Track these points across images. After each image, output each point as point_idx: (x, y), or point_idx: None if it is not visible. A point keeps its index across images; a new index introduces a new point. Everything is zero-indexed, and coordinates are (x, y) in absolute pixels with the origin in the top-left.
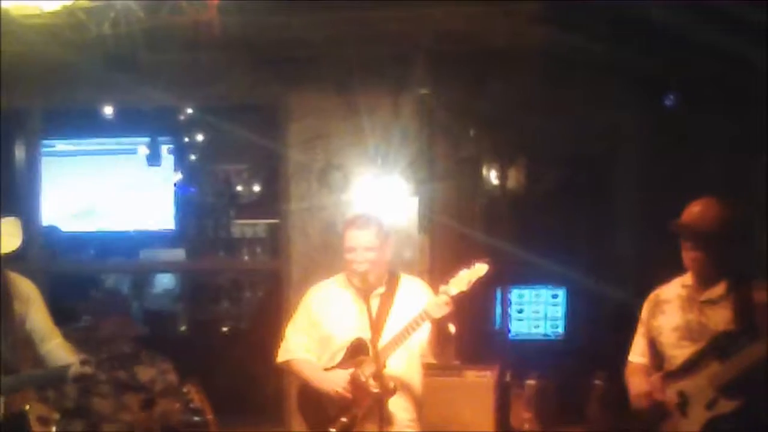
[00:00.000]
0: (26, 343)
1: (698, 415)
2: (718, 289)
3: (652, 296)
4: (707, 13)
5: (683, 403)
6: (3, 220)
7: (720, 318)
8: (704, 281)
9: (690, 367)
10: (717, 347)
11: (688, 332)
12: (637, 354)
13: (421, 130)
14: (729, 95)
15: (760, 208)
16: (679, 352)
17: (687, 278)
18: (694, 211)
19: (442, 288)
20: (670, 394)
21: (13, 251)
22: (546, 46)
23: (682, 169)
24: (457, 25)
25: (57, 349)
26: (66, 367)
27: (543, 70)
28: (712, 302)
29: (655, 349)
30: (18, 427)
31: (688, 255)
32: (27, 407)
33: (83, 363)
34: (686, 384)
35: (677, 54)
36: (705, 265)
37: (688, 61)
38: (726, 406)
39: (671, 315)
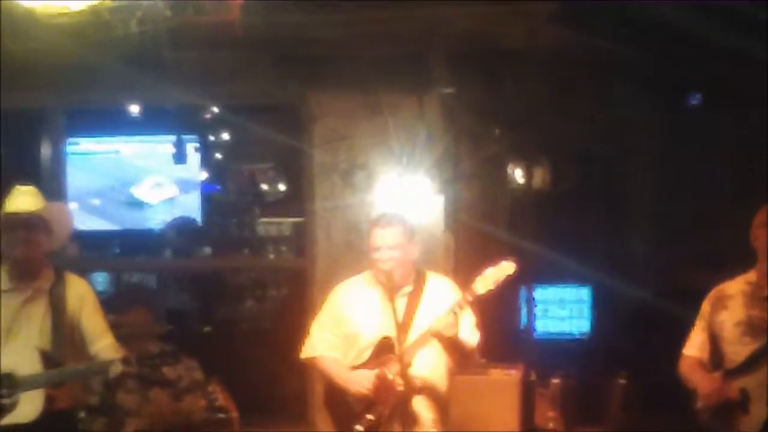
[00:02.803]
0: (75, 341)
1: (760, 411)
2: None
3: (714, 291)
4: (719, 14)
5: (744, 400)
6: (18, 187)
7: None
8: None
9: (752, 363)
10: None
11: (750, 328)
12: (695, 348)
13: (445, 130)
14: (740, 97)
15: None
16: (740, 348)
17: (751, 275)
18: None
19: (470, 287)
20: (733, 392)
21: (34, 214)
22: (563, 47)
23: (711, 168)
24: (477, 26)
25: (106, 350)
26: (108, 363)
27: (561, 70)
28: None
29: (714, 345)
30: (65, 425)
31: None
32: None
33: (125, 361)
34: (748, 380)
35: (690, 55)
36: None
37: (701, 63)
38: None
39: (734, 310)
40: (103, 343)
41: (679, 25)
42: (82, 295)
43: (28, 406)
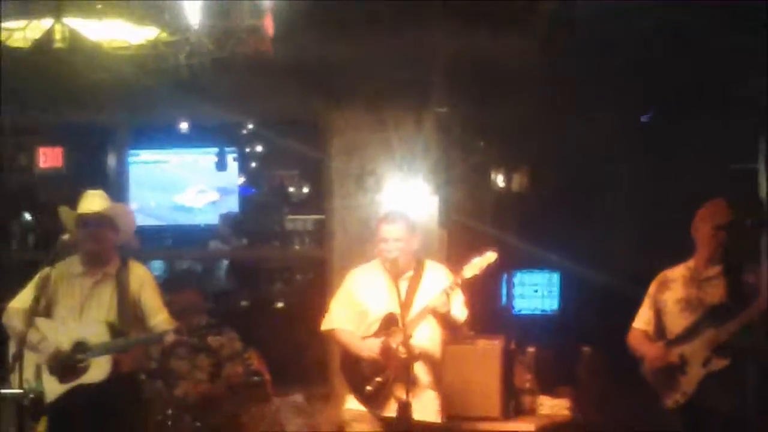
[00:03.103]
0: (136, 316)
1: (695, 372)
2: (715, 270)
3: (660, 276)
4: (690, 44)
5: (683, 363)
6: (89, 191)
7: (715, 293)
8: (707, 263)
9: (689, 334)
10: (712, 316)
11: (688, 305)
12: (643, 322)
13: (439, 142)
14: (695, 111)
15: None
16: (680, 322)
17: (691, 262)
18: (721, 210)
19: (460, 271)
20: (674, 357)
21: (103, 214)
22: (544, 68)
23: (661, 173)
24: (472, 50)
25: (161, 323)
26: (163, 333)
27: (538, 90)
28: (709, 280)
29: (658, 319)
30: (130, 388)
31: (715, 238)
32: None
33: (177, 332)
34: (686, 348)
35: (662, 75)
36: (723, 247)
37: (671, 82)
38: (718, 363)
39: (675, 291)
40: (159, 318)
41: (645, 47)
42: (142, 279)
43: (98, 370)
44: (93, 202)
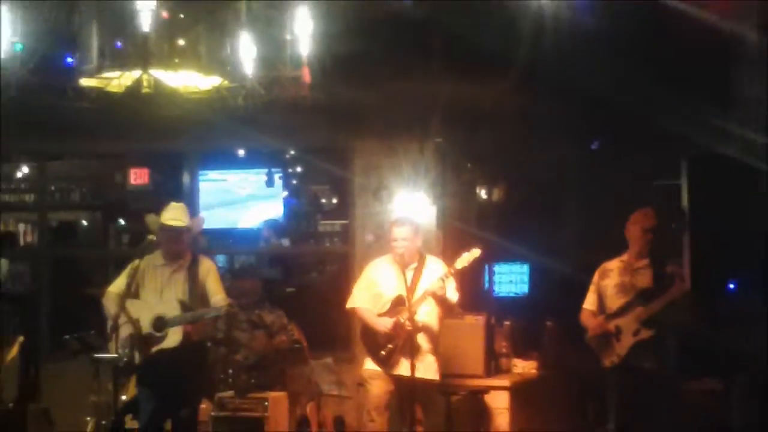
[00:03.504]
0: (202, 296)
1: (628, 339)
2: (643, 262)
3: (601, 267)
4: (626, 91)
5: (618, 333)
6: (172, 203)
7: (643, 280)
8: (637, 257)
9: (622, 311)
10: (641, 297)
11: (622, 289)
12: (589, 303)
13: (437, 164)
14: (639, 141)
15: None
16: (616, 302)
17: (624, 256)
18: (647, 217)
19: (453, 264)
20: (611, 328)
21: (182, 226)
22: (515, 108)
23: (604, 188)
24: (464, 95)
25: (219, 301)
26: (220, 308)
27: (513, 124)
28: (639, 270)
29: (601, 300)
30: (192, 358)
31: (644, 238)
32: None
33: (231, 305)
34: (620, 321)
35: (604, 114)
36: (650, 244)
37: (611, 120)
38: (645, 333)
39: (612, 278)
40: (217, 297)
41: (593, 92)
42: (207, 269)
43: (173, 338)
44: (176, 215)
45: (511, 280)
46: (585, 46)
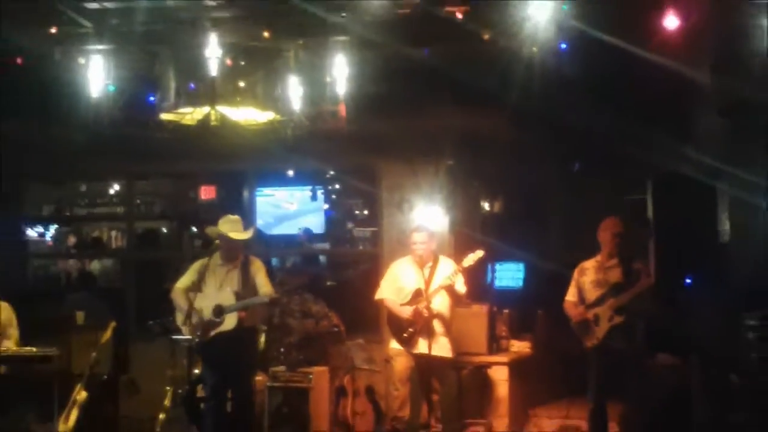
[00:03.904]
0: (253, 288)
1: (604, 325)
2: (614, 262)
3: (579, 266)
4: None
5: (596, 320)
6: (228, 216)
7: (614, 276)
8: (608, 257)
9: (598, 301)
10: (613, 290)
11: (597, 284)
12: (571, 295)
13: (448, 182)
14: (612, 163)
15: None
16: (593, 294)
17: (598, 257)
18: (615, 224)
19: (461, 263)
20: (590, 316)
21: (245, 239)
22: (512, 136)
23: (583, 202)
24: (470, 126)
25: (266, 292)
26: (266, 297)
27: (510, 149)
28: (610, 268)
29: (580, 293)
30: (245, 339)
31: (613, 242)
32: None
33: (276, 296)
34: (597, 310)
35: (583, 142)
36: (618, 247)
37: (588, 146)
38: (618, 319)
39: (589, 275)
40: (265, 289)
41: (574, 124)
42: (257, 267)
43: (229, 322)
44: (234, 227)
45: (508, 276)
46: (566, 87)
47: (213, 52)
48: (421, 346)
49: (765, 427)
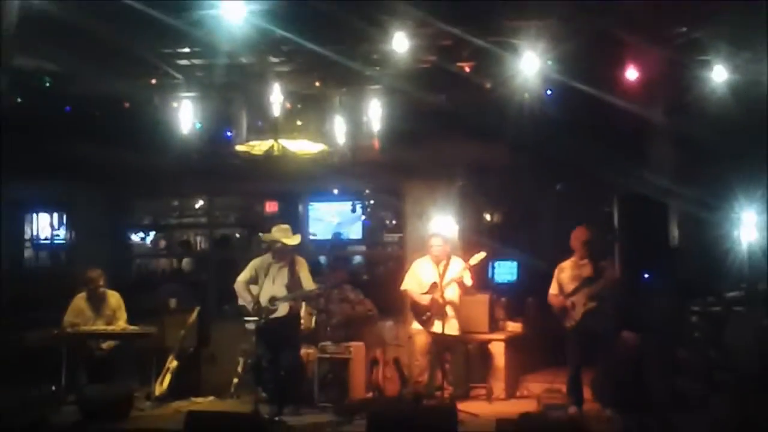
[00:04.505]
0: (299, 283)
1: (579, 310)
2: (585, 262)
3: (558, 265)
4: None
5: (573, 306)
6: (280, 225)
7: (586, 272)
8: (581, 257)
9: (575, 291)
10: (585, 283)
11: (573, 279)
12: (553, 289)
13: (459, 198)
14: (587, 184)
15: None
16: (570, 286)
17: (573, 258)
18: (584, 232)
19: (468, 261)
20: (569, 303)
21: (295, 244)
22: (508, 162)
23: (564, 214)
24: (476, 154)
25: (309, 286)
26: (311, 290)
27: (506, 173)
28: (583, 266)
29: (561, 286)
30: (293, 323)
31: (583, 246)
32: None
33: (318, 289)
34: (574, 298)
35: (565, 167)
36: (587, 250)
37: (569, 170)
38: (590, 305)
39: (567, 272)
40: (307, 283)
41: (560, 153)
42: (302, 265)
43: (282, 310)
44: (285, 234)
45: (505, 271)
46: (551, 125)
47: (276, 98)
48: (437, 326)
49: (703, 389)
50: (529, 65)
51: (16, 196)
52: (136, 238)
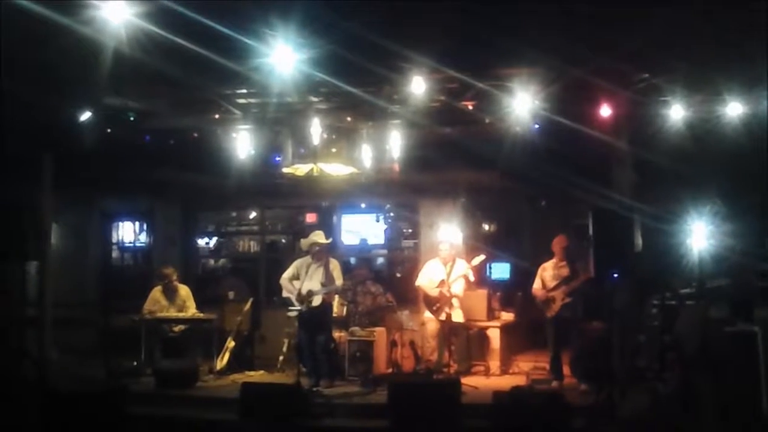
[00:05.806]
0: (331, 279)
1: (558, 303)
2: (563, 263)
3: (541, 266)
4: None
5: (553, 299)
6: (315, 231)
7: (564, 272)
8: (560, 260)
9: (555, 287)
10: (564, 280)
11: (554, 276)
12: (536, 285)
13: (462, 212)
14: (568, 201)
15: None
16: (551, 282)
17: (554, 259)
18: (563, 240)
19: (470, 262)
20: (549, 296)
21: (326, 243)
22: (499, 184)
23: (547, 225)
24: (476, 178)
25: (340, 282)
26: (340, 286)
27: (497, 194)
28: (561, 267)
29: (543, 282)
30: (327, 311)
31: (562, 251)
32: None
33: (344, 284)
34: (554, 293)
35: (547, 188)
36: (565, 254)
37: (551, 190)
38: (567, 299)
39: (548, 271)
40: (339, 281)
41: (543, 176)
42: (334, 264)
43: (317, 301)
44: (320, 238)
45: (499, 271)
46: (537, 153)
47: (315, 130)
48: (444, 315)
49: (660, 370)
50: (521, 104)
51: (106, 207)
52: (202, 242)
